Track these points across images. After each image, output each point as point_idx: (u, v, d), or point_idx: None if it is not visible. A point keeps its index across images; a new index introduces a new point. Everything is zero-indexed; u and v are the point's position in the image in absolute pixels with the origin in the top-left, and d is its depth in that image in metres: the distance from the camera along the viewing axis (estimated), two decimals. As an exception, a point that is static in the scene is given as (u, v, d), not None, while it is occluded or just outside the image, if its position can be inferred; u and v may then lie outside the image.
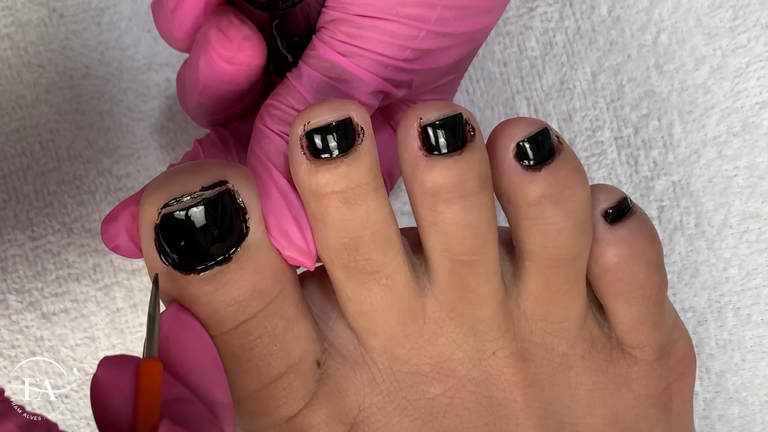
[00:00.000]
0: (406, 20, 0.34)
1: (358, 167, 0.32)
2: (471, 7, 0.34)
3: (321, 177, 0.32)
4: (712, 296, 0.46)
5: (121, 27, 0.46)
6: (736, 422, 0.46)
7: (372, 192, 0.32)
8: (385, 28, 0.34)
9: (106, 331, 0.46)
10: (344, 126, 0.32)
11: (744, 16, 0.44)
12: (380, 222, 0.33)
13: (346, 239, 0.33)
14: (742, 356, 0.46)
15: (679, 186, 0.46)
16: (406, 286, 0.34)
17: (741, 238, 0.45)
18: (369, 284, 0.34)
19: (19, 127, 0.46)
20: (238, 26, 0.34)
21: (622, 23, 0.45)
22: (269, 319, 0.33)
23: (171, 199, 0.31)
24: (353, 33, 0.34)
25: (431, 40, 0.34)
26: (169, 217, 0.31)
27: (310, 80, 0.34)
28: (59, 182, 0.46)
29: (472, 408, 0.35)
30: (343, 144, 0.32)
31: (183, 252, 0.32)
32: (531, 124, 0.33)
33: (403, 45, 0.34)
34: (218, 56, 0.35)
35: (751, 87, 0.44)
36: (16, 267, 0.46)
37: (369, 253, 0.33)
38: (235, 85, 0.36)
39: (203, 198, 0.31)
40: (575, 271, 0.35)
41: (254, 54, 0.35)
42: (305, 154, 0.32)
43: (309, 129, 0.32)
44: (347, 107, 0.32)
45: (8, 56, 0.46)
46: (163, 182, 0.32)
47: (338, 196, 0.32)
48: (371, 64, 0.34)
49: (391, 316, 0.34)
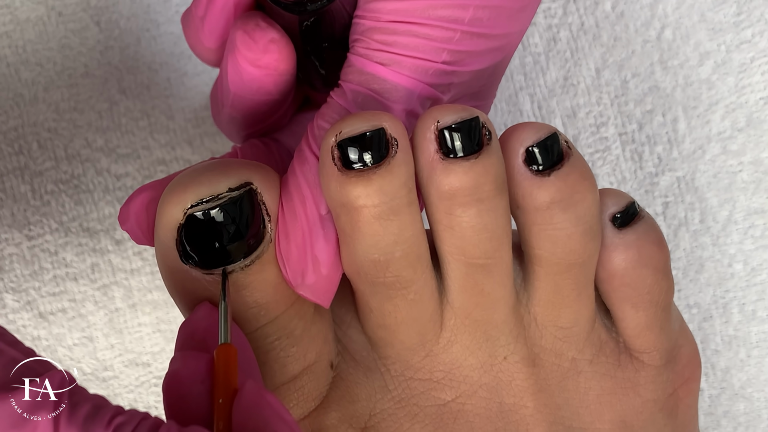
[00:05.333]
0: (439, 22, 0.33)
1: (392, 180, 0.31)
2: (503, 6, 0.34)
3: (353, 190, 0.31)
4: (717, 292, 0.46)
5: (120, 26, 0.46)
6: (741, 418, 0.46)
7: (405, 207, 0.32)
8: (419, 32, 0.33)
9: (105, 331, 0.46)
10: (377, 137, 0.31)
11: (748, 12, 0.44)
12: (412, 238, 0.32)
13: (376, 255, 0.32)
14: (748, 352, 0.46)
15: (683, 182, 0.46)
16: (431, 299, 0.34)
17: (746, 234, 0.45)
18: (396, 300, 0.33)
19: (17, 125, 0.46)
20: (264, 29, 0.34)
21: (626, 19, 0.45)
22: (289, 321, 0.33)
23: (197, 200, 0.31)
24: (388, 40, 0.33)
25: (467, 41, 0.34)
26: (194, 217, 0.31)
27: (354, 95, 0.34)
28: (57, 181, 0.46)
29: (483, 414, 0.35)
30: (377, 155, 0.31)
31: (205, 252, 0.31)
32: (540, 129, 0.33)
33: (440, 47, 0.33)
34: (244, 59, 0.34)
35: (755, 82, 0.44)
36: (13, 266, 0.46)
37: (399, 270, 0.33)
38: (265, 94, 0.35)
39: (229, 198, 0.31)
40: (584, 276, 0.35)
41: (281, 57, 0.34)
42: (336, 165, 0.31)
43: (341, 139, 0.31)
44: (380, 118, 0.31)
45: (6, 54, 0.45)
46: (188, 182, 0.32)
47: (370, 211, 0.31)
48: (412, 69, 0.33)
49: (413, 329, 0.34)
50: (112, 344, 0.46)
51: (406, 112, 0.33)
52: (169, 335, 0.46)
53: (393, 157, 0.31)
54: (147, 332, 0.46)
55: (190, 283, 0.32)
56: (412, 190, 0.32)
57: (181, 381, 0.28)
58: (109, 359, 0.46)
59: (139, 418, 0.25)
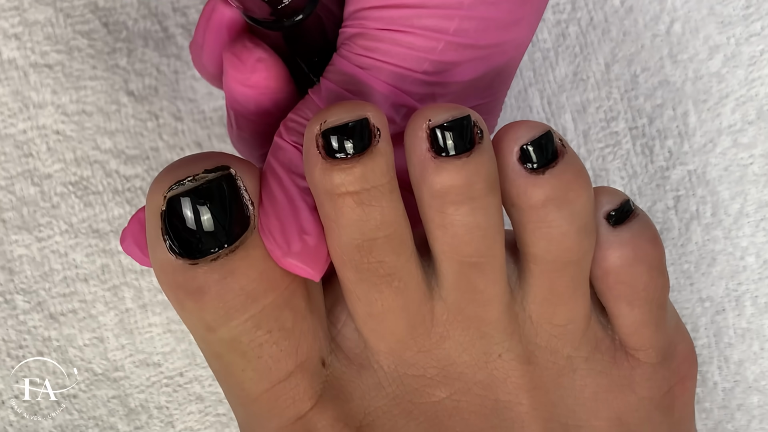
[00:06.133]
0: (422, 32, 0.33)
1: (374, 168, 0.32)
2: (492, 18, 0.34)
3: (336, 177, 0.31)
4: (730, 285, 0.46)
5: (128, 27, 0.46)
6: (755, 411, 0.46)
7: (387, 194, 0.32)
8: (402, 40, 0.34)
9: (115, 332, 0.46)
10: (360, 126, 0.31)
11: (757, 4, 0.44)
12: (395, 224, 0.33)
13: (359, 240, 0.32)
14: (761, 345, 0.46)
15: (695, 175, 0.46)
16: (417, 289, 0.34)
17: (758, 227, 0.45)
18: (381, 286, 0.33)
19: (25, 128, 0.46)
20: (250, 49, 0.35)
21: (635, 13, 0.45)
22: (279, 311, 0.33)
23: (175, 182, 0.31)
24: (370, 46, 0.34)
25: (452, 51, 0.34)
26: (175, 200, 0.31)
27: (328, 93, 0.34)
28: (66, 183, 0.46)
29: (478, 411, 0.35)
30: (359, 144, 0.31)
31: (189, 238, 0.31)
32: (534, 127, 0.33)
33: (422, 57, 0.34)
34: (233, 80, 0.35)
35: (765, 75, 0.44)
36: (24, 267, 0.46)
37: (382, 255, 0.33)
38: (264, 113, 0.36)
39: (206, 180, 0.31)
40: (579, 274, 0.35)
41: (269, 75, 0.35)
42: (320, 153, 0.32)
43: (325, 128, 0.32)
44: (364, 108, 0.32)
45: (15, 57, 0.45)
46: (169, 169, 0.32)
47: (353, 197, 0.32)
48: (389, 76, 0.34)
49: (401, 318, 0.34)
50: (122, 345, 0.46)
51: None
52: (179, 335, 0.46)
53: (375, 146, 0.32)
54: (157, 332, 0.46)
55: (180, 275, 0.32)
56: (393, 178, 0.32)
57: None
58: (119, 360, 0.46)
59: None
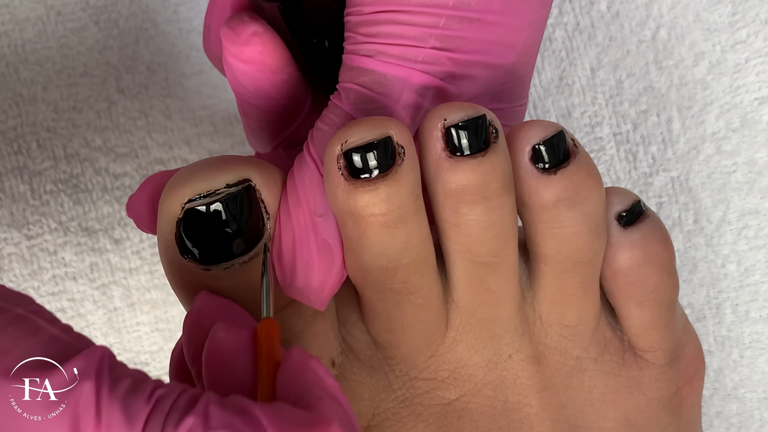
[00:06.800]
0: (420, 8, 0.32)
1: (399, 189, 0.31)
2: None
3: (360, 199, 0.31)
4: (711, 292, 0.46)
5: (119, 25, 0.46)
6: (734, 419, 0.46)
7: (413, 214, 0.31)
8: (401, 19, 0.32)
9: (104, 330, 0.46)
10: (384, 145, 0.31)
11: (743, 12, 0.44)
12: (420, 245, 0.32)
13: (384, 263, 0.32)
14: (741, 353, 0.46)
15: (677, 182, 0.45)
16: (436, 301, 0.34)
17: (740, 234, 0.45)
18: (403, 305, 0.33)
19: (15, 125, 0.46)
20: (247, 22, 0.34)
21: (621, 19, 0.45)
22: (288, 318, 0.33)
23: (195, 195, 0.31)
24: (371, 31, 0.33)
25: (456, 25, 0.33)
26: (192, 212, 0.31)
27: (346, 94, 0.33)
28: (56, 181, 0.46)
29: (487, 412, 0.35)
30: (384, 164, 0.31)
31: (204, 247, 0.31)
32: (547, 127, 0.33)
33: (425, 32, 0.32)
34: (228, 53, 0.34)
35: (750, 82, 0.44)
36: (12, 265, 0.46)
37: (407, 276, 0.32)
38: (266, 98, 0.36)
39: (228, 194, 0.31)
40: (590, 275, 0.35)
41: (264, 50, 0.34)
42: (343, 174, 0.31)
43: (347, 148, 0.31)
44: (386, 125, 0.31)
45: (5, 54, 0.46)
46: (187, 177, 0.32)
47: (378, 219, 0.31)
48: (398, 57, 0.33)
49: (420, 331, 0.34)
50: (110, 343, 0.46)
51: (407, 106, 0.33)
52: (167, 334, 0.47)
53: (400, 165, 0.31)
54: (145, 331, 0.47)
55: (190, 277, 0.32)
56: (419, 197, 0.32)
57: (226, 350, 0.28)
58: (107, 358, 0.47)
59: (179, 390, 0.26)
